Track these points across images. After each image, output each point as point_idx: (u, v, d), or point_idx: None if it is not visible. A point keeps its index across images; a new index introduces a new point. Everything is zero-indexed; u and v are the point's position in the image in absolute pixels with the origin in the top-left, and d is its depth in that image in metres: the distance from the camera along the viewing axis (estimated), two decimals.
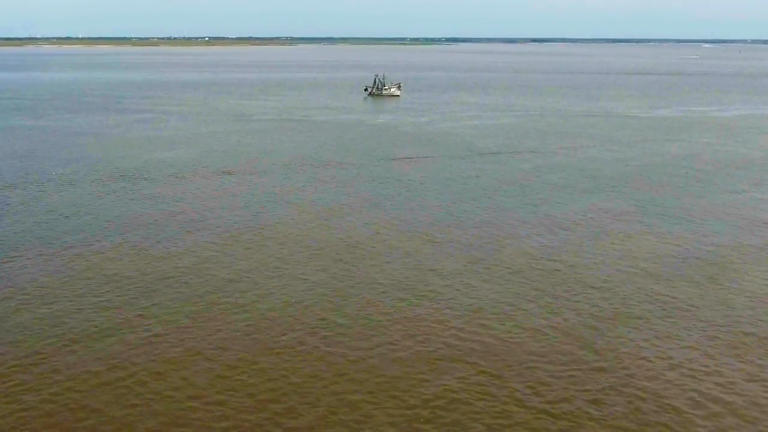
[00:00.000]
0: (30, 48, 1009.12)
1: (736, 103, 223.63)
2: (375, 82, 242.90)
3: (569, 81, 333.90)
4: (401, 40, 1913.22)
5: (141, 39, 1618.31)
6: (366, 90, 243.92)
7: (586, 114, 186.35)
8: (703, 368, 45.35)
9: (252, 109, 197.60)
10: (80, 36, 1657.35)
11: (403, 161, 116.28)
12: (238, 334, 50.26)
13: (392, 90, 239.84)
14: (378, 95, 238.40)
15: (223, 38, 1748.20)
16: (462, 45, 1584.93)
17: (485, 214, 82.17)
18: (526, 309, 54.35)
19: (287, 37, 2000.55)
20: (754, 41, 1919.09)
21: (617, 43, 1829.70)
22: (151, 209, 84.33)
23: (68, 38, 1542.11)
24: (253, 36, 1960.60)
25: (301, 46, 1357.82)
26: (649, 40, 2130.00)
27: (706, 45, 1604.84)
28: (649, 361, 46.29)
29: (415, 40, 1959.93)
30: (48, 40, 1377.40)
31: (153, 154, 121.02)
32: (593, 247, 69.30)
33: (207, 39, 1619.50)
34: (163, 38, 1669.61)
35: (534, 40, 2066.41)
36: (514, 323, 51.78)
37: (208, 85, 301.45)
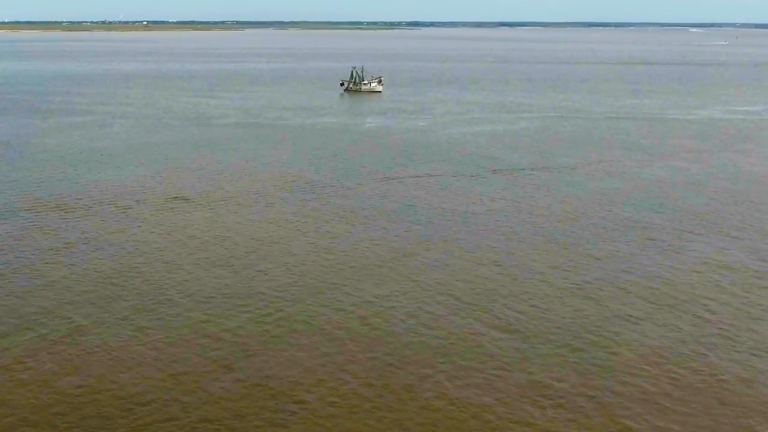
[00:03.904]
0: None
1: None
2: (352, 75, 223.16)
3: (571, 73, 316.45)
4: (357, 24, 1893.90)
5: (73, 23, 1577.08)
6: (342, 85, 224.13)
7: (614, 116, 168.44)
8: None
9: (211, 110, 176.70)
10: (5, 20, 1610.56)
11: (413, 181, 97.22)
12: None
13: (373, 85, 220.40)
14: (356, 91, 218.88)
15: (163, 22, 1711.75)
16: (425, 29, 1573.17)
17: (563, 273, 63.26)
18: None
19: (234, 21, 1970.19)
20: (743, 25, 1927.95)
21: (596, 28, 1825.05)
22: (90, 266, 63.96)
23: None
24: (196, 20, 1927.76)
25: (248, 30, 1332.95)
26: (630, 24, 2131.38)
27: (694, 29, 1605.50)
28: None
29: (373, 24, 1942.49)
30: None
31: (91, 174, 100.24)
32: None
33: (145, 23, 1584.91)
34: (97, 22, 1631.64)
35: (504, 24, 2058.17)
36: None
37: (154, 77, 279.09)
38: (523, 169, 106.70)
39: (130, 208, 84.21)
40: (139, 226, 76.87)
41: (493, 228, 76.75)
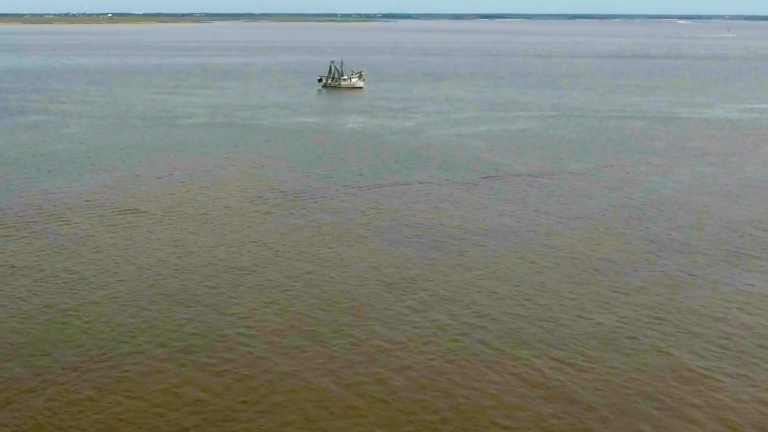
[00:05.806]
0: None
1: None
2: (331, 70, 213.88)
3: (565, 67, 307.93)
4: (331, 17, 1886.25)
5: (34, 16, 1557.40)
6: (320, 80, 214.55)
7: (620, 114, 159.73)
8: None
9: (177, 108, 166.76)
10: None
11: (407, 190, 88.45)
12: None
13: (353, 80, 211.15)
14: (335, 87, 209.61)
15: (129, 15, 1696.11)
16: (402, 22, 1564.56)
17: (601, 309, 54.44)
18: None
19: (202, 14, 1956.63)
20: (732, 17, 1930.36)
21: (580, 20, 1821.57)
22: (30, 300, 54.31)
23: None
24: (162, 12, 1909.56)
25: (217, 23, 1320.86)
26: (615, 16, 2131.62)
27: (681, 21, 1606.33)
28: None
29: (347, 16, 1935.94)
30: None
31: (40, 183, 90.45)
32: None
33: (110, 15, 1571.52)
34: (59, 15, 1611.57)
35: (484, 16, 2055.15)
36: None
37: (117, 73, 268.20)
38: (529, 176, 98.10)
39: (81, 224, 74.84)
40: (91, 249, 67.32)
41: (505, 249, 67.94)
